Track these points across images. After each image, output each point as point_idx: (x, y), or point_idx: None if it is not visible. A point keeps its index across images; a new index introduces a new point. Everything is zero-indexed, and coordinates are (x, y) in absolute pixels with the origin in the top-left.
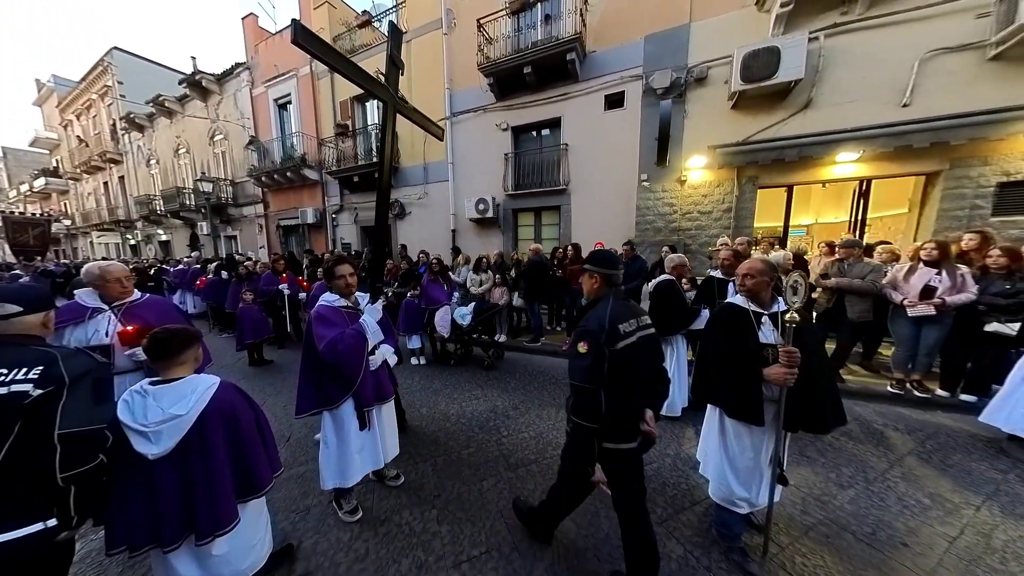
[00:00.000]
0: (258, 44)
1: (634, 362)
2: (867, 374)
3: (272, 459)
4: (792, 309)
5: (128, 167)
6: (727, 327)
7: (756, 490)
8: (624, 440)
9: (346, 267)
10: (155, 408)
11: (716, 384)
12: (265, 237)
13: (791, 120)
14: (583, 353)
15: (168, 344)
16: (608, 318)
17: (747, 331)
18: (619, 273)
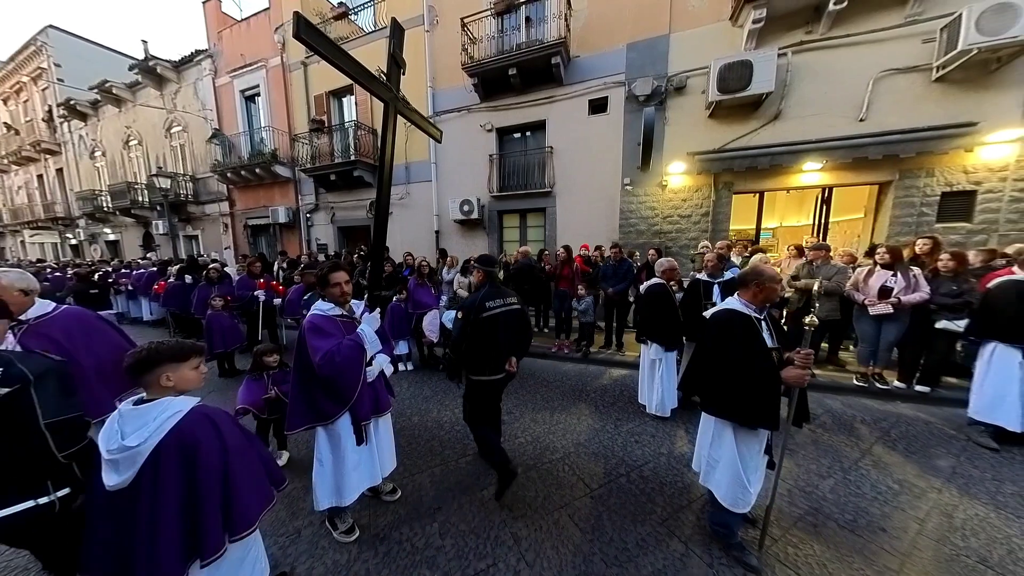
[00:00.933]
0: (221, 31)
1: (495, 327)
2: (834, 369)
3: (241, 510)
4: (813, 315)
5: (68, 159)
6: (741, 337)
7: (757, 487)
8: (485, 374)
9: (341, 274)
10: (115, 434)
11: (732, 396)
12: (231, 237)
13: (763, 130)
14: (459, 318)
15: (137, 360)
16: (480, 298)
17: (759, 338)
18: (496, 270)
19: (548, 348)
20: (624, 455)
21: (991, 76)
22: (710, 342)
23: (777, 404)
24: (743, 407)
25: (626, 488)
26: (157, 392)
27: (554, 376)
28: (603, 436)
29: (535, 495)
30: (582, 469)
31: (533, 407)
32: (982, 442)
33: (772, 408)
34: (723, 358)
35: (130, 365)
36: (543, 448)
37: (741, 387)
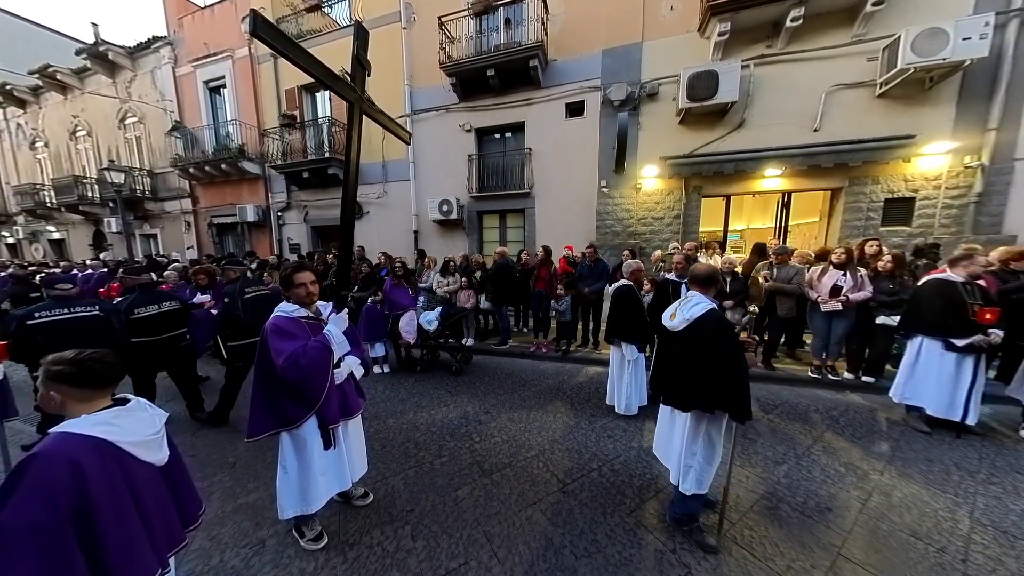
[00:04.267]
0: (182, 18)
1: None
2: (791, 362)
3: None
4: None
5: (3, 149)
6: (729, 334)
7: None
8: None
9: (307, 274)
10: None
11: (733, 390)
12: (195, 236)
13: (728, 137)
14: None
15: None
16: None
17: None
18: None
19: (527, 348)
20: (597, 450)
21: (926, 93)
22: (715, 341)
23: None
24: (739, 399)
25: (597, 482)
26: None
27: (532, 375)
28: (577, 432)
29: (509, 492)
30: (556, 465)
31: (510, 406)
32: (916, 426)
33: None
34: (725, 354)
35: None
36: (519, 446)
37: (738, 380)
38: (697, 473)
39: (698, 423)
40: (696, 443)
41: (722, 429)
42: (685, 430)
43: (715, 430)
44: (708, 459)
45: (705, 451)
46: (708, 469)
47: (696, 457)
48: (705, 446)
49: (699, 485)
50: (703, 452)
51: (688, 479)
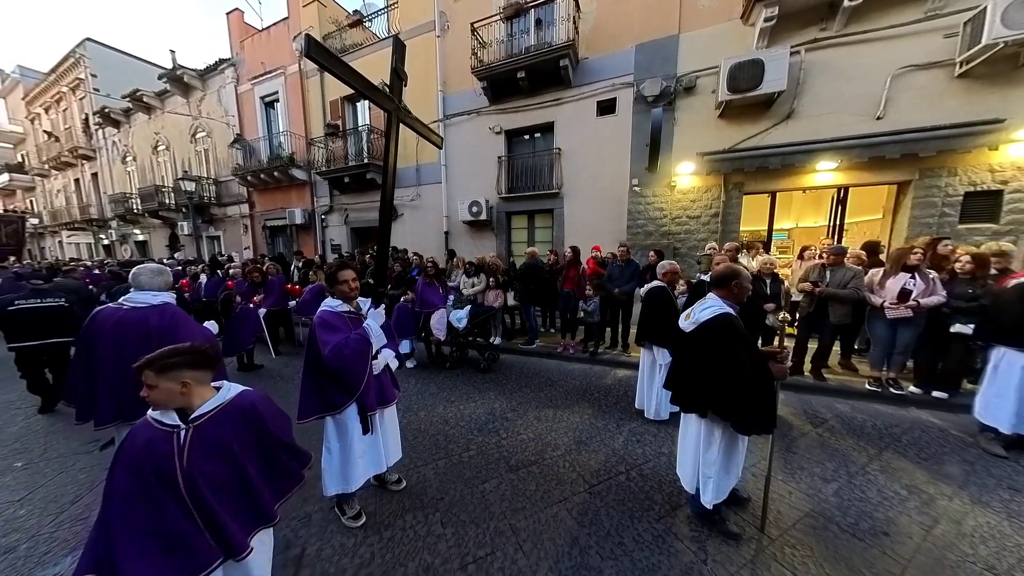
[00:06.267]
0: (243, 40)
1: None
2: (844, 373)
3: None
4: (784, 311)
5: (102, 164)
6: (743, 339)
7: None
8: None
9: (349, 272)
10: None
11: (730, 397)
12: (251, 238)
13: (774, 129)
14: None
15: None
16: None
17: (750, 338)
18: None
19: (554, 348)
20: (625, 453)
21: (1019, 71)
22: (714, 347)
23: (775, 404)
24: (737, 408)
25: (625, 485)
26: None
27: (559, 375)
28: (604, 435)
29: (535, 489)
30: (582, 466)
31: (537, 405)
32: (991, 449)
33: (773, 409)
34: (730, 362)
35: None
36: (545, 445)
37: (736, 388)
38: (716, 484)
39: (711, 430)
40: (711, 451)
41: (741, 440)
42: (699, 436)
43: (732, 439)
44: (726, 468)
45: (723, 461)
46: (726, 479)
47: (714, 467)
48: (722, 456)
49: (717, 495)
50: (720, 461)
51: (708, 490)
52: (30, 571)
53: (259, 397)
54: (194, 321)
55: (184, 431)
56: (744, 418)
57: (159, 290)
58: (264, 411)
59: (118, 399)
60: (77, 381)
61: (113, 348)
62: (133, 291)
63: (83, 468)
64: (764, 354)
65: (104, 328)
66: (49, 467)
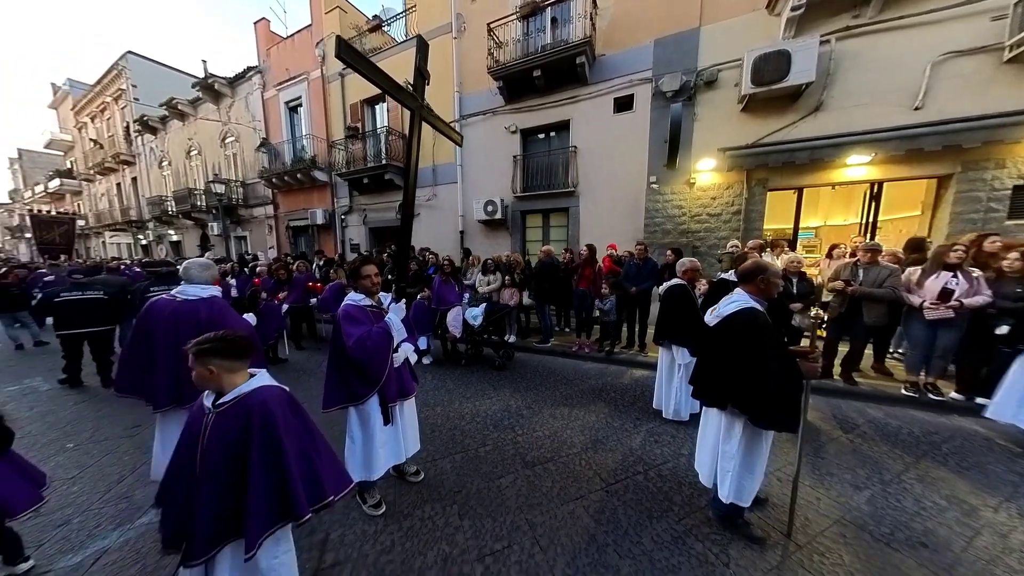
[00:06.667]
0: (270, 48)
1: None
2: (878, 377)
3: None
4: (818, 308)
5: (141, 168)
6: (769, 334)
7: (760, 479)
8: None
9: (371, 267)
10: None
11: (748, 389)
12: (275, 237)
13: (801, 123)
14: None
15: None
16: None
17: (776, 334)
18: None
19: (568, 347)
20: (642, 453)
21: None
22: (736, 340)
23: (800, 402)
24: (755, 400)
25: (643, 485)
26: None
27: (574, 374)
28: (621, 434)
29: (551, 486)
30: (599, 464)
31: (552, 403)
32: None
33: (798, 409)
34: (752, 355)
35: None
36: (560, 442)
37: (775, 384)
38: (735, 479)
39: (732, 423)
40: (730, 444)
41: (763, 438)
42: (719, 428)
43: (754, 435)
44: (747, 467)
45: (743, 456)
46: (749, 478)
47: (733, 462)
48: (742, 451)
49: (738, 494)
50: (740, 457)
51: (725, 484)
52: (82, 543)
53: (274, 398)
54: (236, 313)
55: (209, 415)
56: (763, 412)
57: (207, 283)
58: (276, 415)
59: (176, 385)
60: (132, 368)
61: (169, 337)
62: (183, 284)
63: (127, 451)
64: (794, 352)
65: (161, 318)
66: (96, 448)
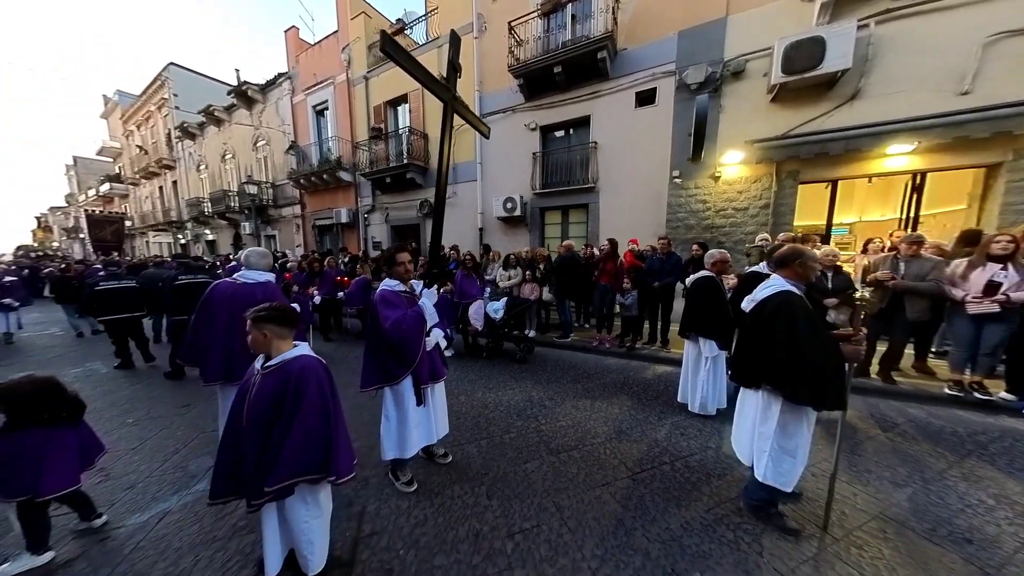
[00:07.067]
0: (299, 55)
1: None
2: (919, 376)
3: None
4: (863, 291)
5: (180, 172)
6: (808, 316)
7: (804, 464)
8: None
9: (405, 255)
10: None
11: (785, 366)
12: (302, 236)
13: (836, 112)
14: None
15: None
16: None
17: (818, 316)
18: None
19: (589, 342)
20: (668, 445)
21: None
22: (772, 321)
23: (844, 382)
24: (811, 382)
25: (670, 475)
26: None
27: (595, 369)
28: (646, 426)
29: (576, 472)
30: (624, 454)
31: (574, 395)
32: None
33: (842, 387)
34: (787, 334)
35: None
36: (584, 432)
37: (813, 362)
38: (773, 461)
39: (769, 402)
40: (768, 425)
41: (803, 419)
42: (756, 409)
43: (792, 417)
44: (786, 448)
45: (780, 438)
46: (788, 461)
47: (770, 442)
48: (780, 432)
49: (776, 476)
50: (777, 438)
51: (762, 464)
52: (147, 504)
53: (311, 367)
54: (285, 297)
55: (257, 375)
56: (798, 388)
57: (264, 270)
58: (310, 382)
59: (227, 363)
60: (196, 341)
61: (227, 315)
62: (244, 270)
63: (179, 427)
64: (837, 336)
65: (223, 298)
66: (153, 424)
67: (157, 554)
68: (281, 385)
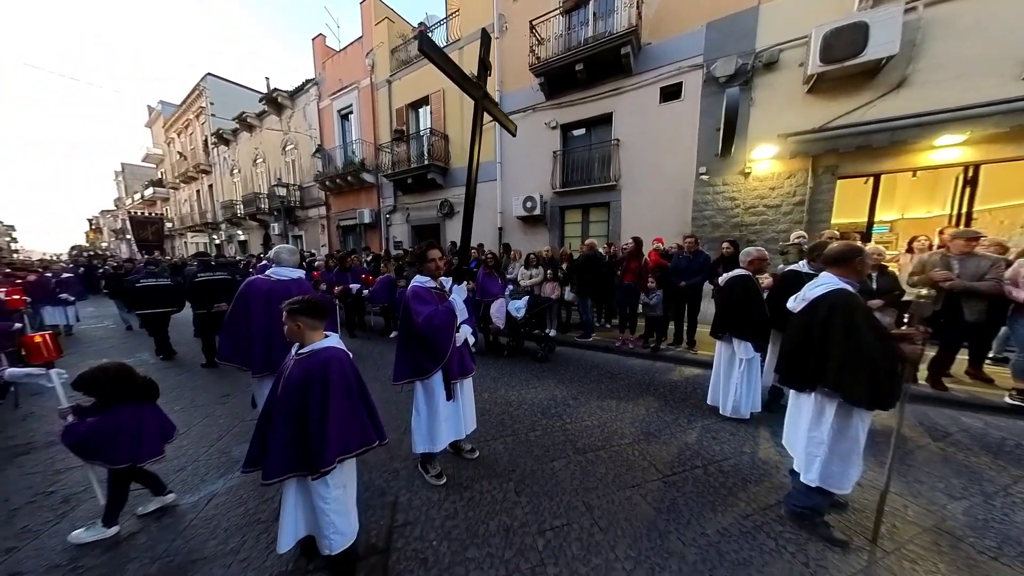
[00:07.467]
0: (325, 61)
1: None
2: (973, 383)
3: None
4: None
5: (216, 176)
6: (864, 314)
7: (859, 468)
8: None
9: (436, 251)
10: None
11: (841, 366)
12: (327, 236)
13: (880, 102)
14: None
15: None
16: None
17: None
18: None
19: (611, 342)
20: (699, 448)
21: None
22: (828, 321)
23: (898, 382)
24: (871, 386)
25: (703, 479)
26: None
27: (618, 369)
28: (675, 428)
29: (605, 472)
30: (653, 456)
31: (598, 395)
32: None
33: (897, 388)
34: (845, 333)
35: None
36: (611, 432)
37: (873, 362)
38: (823, 464)
39: (823, 405)
40: (820, 429)
41: (857, 421)
42: (809, 413)
43: (848, 420)
44: (838, 452)
45: (833, 442)
46: (840, 465)
47: (822, 447)
48: (834, 435)
49: (824, 478)
50: (830, 442)
51: (812, 469)
52: (196, 486)
53: (336, 358)
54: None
55: (291, 362)
56: (857, 390)
57: (293, 266)
58: (333, 372)
59: (268, 354)
60: (235, 339)
61: (264, 311)
62: (275, 267)
63: (221, 415)
64: (896, 335)
65: (259, 294)
66: (197, 412)
67: (208, 533)
68: (309, 371)
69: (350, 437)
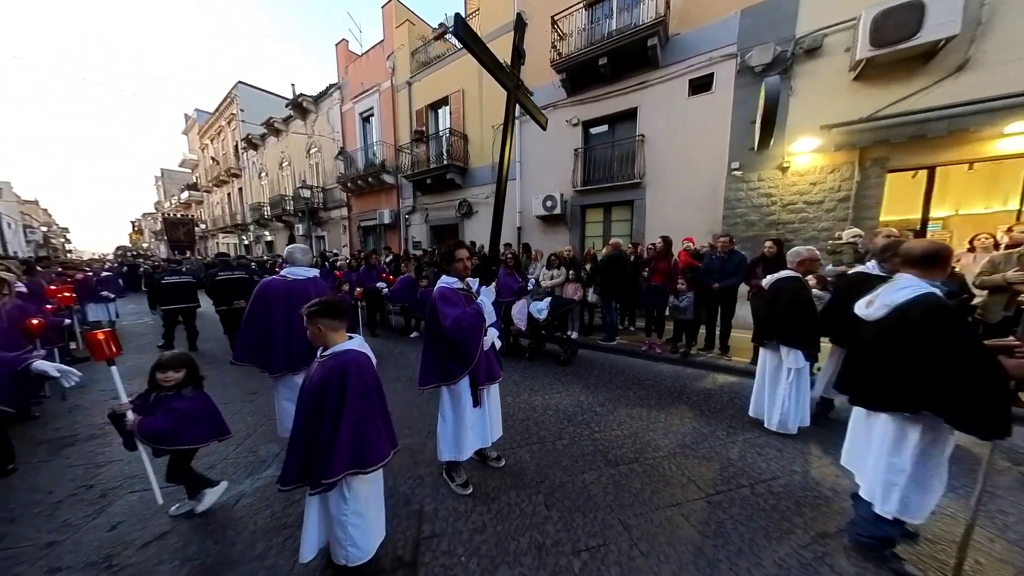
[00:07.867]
0: (348, 66)
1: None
2: None
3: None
4: None
5: (245, 180)
6: (961, 324)
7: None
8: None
9: (464, 251)
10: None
11: (984, 398)
12: (348, 237)
13: (936, 87)
14: None
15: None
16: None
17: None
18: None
19: (637, 346)
20: (743, 465)
21: None
22: (924, 332)
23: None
24: (980, 409)
25: (751, 501)
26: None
27: (645, 375)
28: (713, 442)
29: (640, 488)
30: (692, 471)
31: (627, 403)
32: None
33: (1003, 407)
34: (948, 348)
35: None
36: (644, 444)
37: (977, 383)
38: (903, 493)
39: (904, 429)
40: (902, 455)
41: (945, 447)
42: (886, 437)
43: (933, 443)
44: (921, 480)
45: (916, 468)
46: (921, 493)
47: (903, 475)
48: (917, 462)
49: (904, 509)
50: (914, 469)
51: (890, 499)
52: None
53: (355, 361)
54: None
55: (315, 364)
56: (967, 414)
57: (309, 266)
58: (351, 375)
59: (287, 354)
60: (252, 339)
61: (285, 310)
62: (288, 266)
63: (249, 413)
64: (995, 347)
65: (277, 295)
66: (225, 410)
67: (235, 534)
68: (329, 373)
69: (366, 449)
